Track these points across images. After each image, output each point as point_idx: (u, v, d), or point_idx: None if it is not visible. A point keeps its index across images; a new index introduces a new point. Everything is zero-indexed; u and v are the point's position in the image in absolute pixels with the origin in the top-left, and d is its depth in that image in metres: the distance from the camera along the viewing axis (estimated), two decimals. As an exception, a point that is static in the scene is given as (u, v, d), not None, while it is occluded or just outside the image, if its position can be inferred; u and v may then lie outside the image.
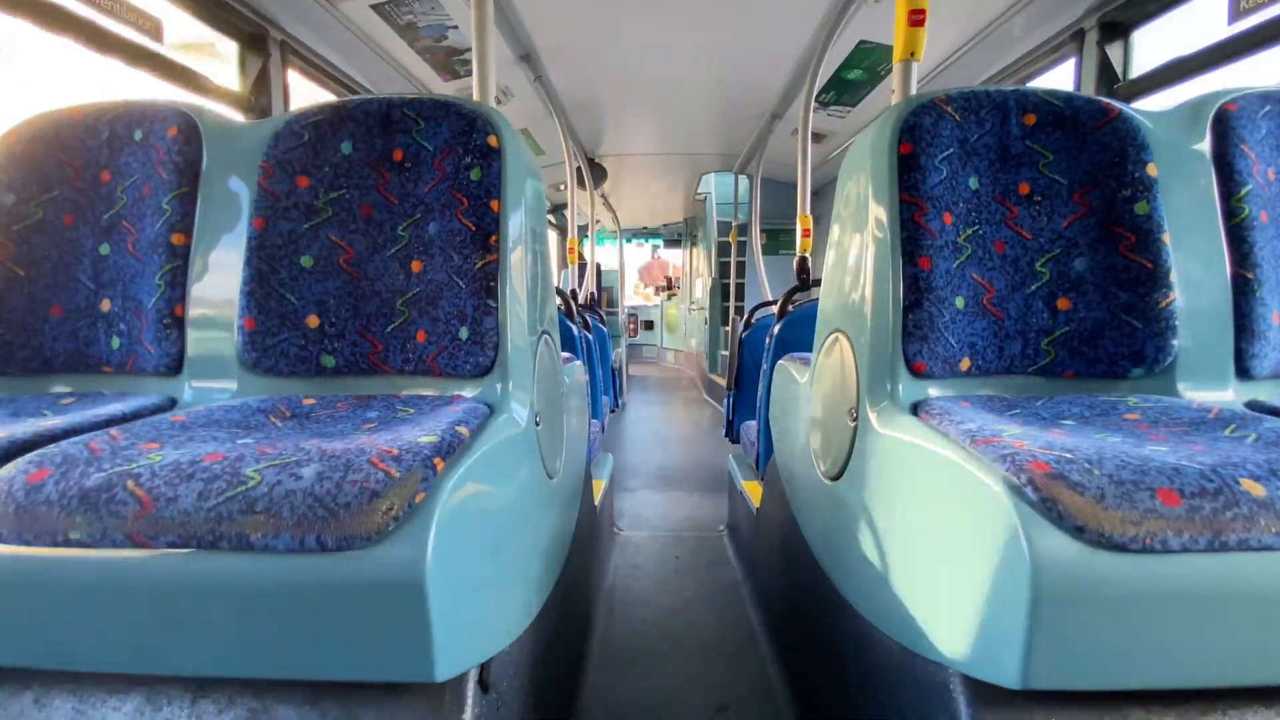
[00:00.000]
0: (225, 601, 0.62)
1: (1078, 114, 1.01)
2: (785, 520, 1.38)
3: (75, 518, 0.61)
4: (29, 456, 0.67)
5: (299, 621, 0.61)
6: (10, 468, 0.66)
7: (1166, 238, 0.97)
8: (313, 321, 1.04)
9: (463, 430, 0.77)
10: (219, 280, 1.09)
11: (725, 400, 2.71)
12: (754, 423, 2.15)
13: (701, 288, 7.79)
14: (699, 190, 6.86)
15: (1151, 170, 0.98)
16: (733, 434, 2.65)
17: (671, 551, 2.29)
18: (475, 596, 0.71)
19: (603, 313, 4.72)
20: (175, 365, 1.09)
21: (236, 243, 1.08)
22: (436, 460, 0.68)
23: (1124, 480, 0.60)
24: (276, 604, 0.61)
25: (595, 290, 5.05)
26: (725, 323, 6.59)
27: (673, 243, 10.14)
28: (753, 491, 2.00)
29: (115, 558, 0.62)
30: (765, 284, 4.46)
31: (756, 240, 4.68)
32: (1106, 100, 1.03)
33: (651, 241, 10.46)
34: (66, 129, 1.15)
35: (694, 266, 8.85)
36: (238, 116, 1.74)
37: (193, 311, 1.09)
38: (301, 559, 0.60)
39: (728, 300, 6.49)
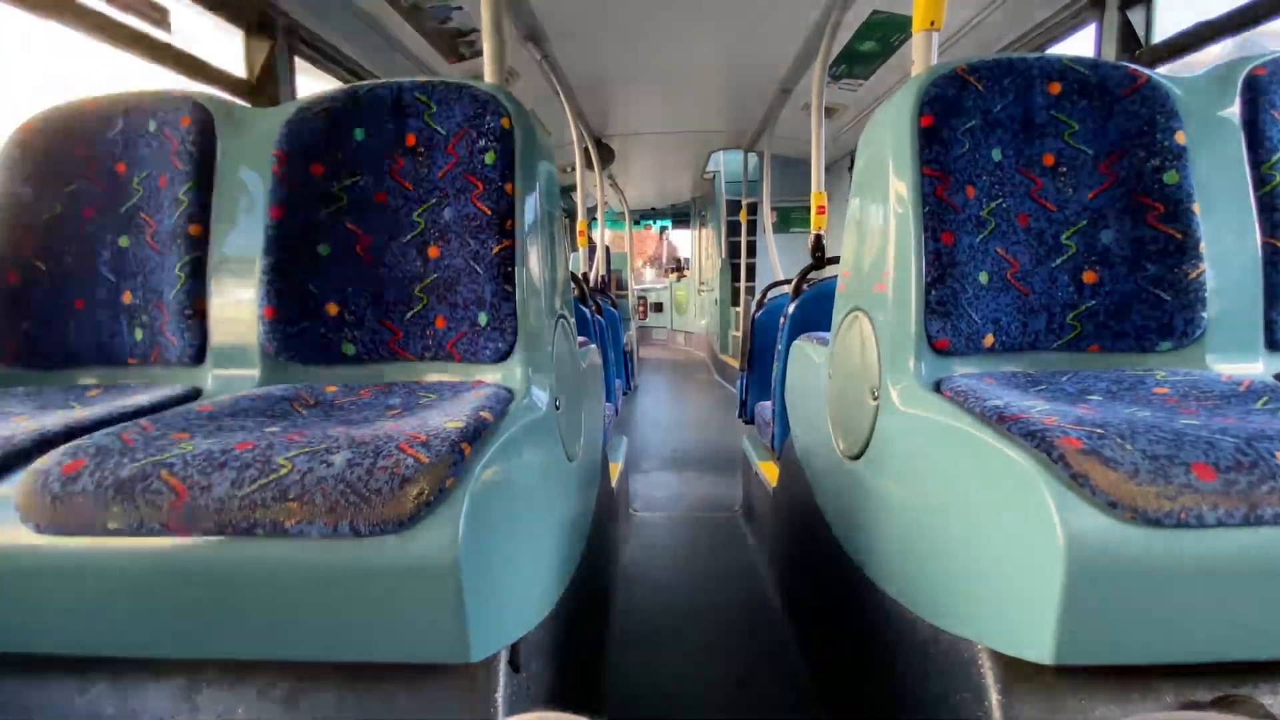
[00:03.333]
0: (262, 587, 0.63)
1: (1104, 81, 0.98)
2: (803, 499, 1.38)
3: (112, 508, 0.62)
4: (63, 448, 0.68)
5: (335, 605, 0.63)
6: (45, 460, 0.67)
7: (1196, 207, 0.95)
8: (332, 309, 1.05)
9: (486, 415, 0.78)
10: (238, 270, 1.09)
11: (738, 381, 2.71)
12: (769, 403, 2.15)
13: (711, 268, 7.72)
14: (708, 169, 6.76)
15: (1180, 138, 0.96)
16: (746, 415, 2.65)
17: (687, 532, 2.30)
18: (505, 578, 0.71)
19: (613, 295, 4.70)
20: (198, 355, 1.10)
21: (254, 232, 1.08)
22: (463, 445, 0.68)
23: (1158, 455, 0.59)
24: (312, 589, 0.62)
25: (605, 273, 5.03)
26: (736, 303, 6.55)
27: (681, 223, 10.04)
28: (768, 472, 2.01)
29: (152, 546, 0.63)
30: (776, 263, 4.42)
31: (767, 219, 4.62)
32: (1133, 66, 1.00)
33: (660, 224, 10.37)
34: (80, 121, 1.15)
35: (703, 247, 8.78)
36: (245, 104, 1.73)
37: (213, 302, 1.10)
38: (335, 544, 0.61)
39: (738, 280, 6.43)
